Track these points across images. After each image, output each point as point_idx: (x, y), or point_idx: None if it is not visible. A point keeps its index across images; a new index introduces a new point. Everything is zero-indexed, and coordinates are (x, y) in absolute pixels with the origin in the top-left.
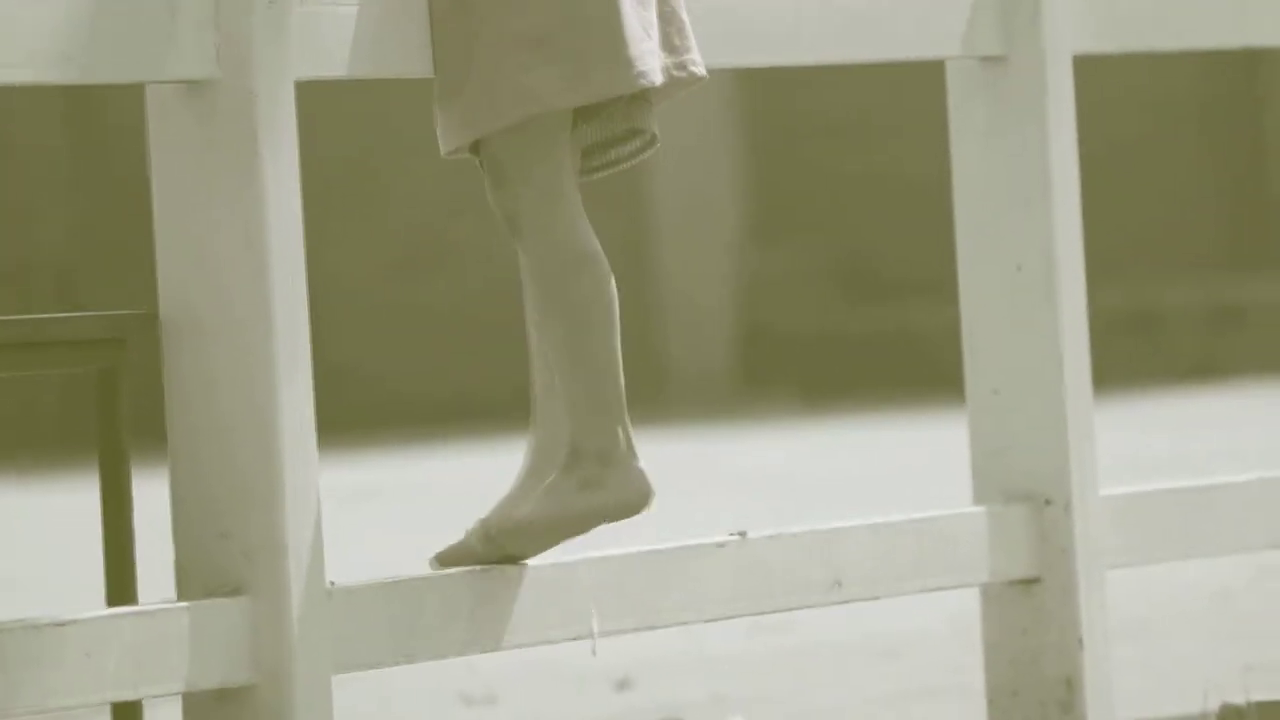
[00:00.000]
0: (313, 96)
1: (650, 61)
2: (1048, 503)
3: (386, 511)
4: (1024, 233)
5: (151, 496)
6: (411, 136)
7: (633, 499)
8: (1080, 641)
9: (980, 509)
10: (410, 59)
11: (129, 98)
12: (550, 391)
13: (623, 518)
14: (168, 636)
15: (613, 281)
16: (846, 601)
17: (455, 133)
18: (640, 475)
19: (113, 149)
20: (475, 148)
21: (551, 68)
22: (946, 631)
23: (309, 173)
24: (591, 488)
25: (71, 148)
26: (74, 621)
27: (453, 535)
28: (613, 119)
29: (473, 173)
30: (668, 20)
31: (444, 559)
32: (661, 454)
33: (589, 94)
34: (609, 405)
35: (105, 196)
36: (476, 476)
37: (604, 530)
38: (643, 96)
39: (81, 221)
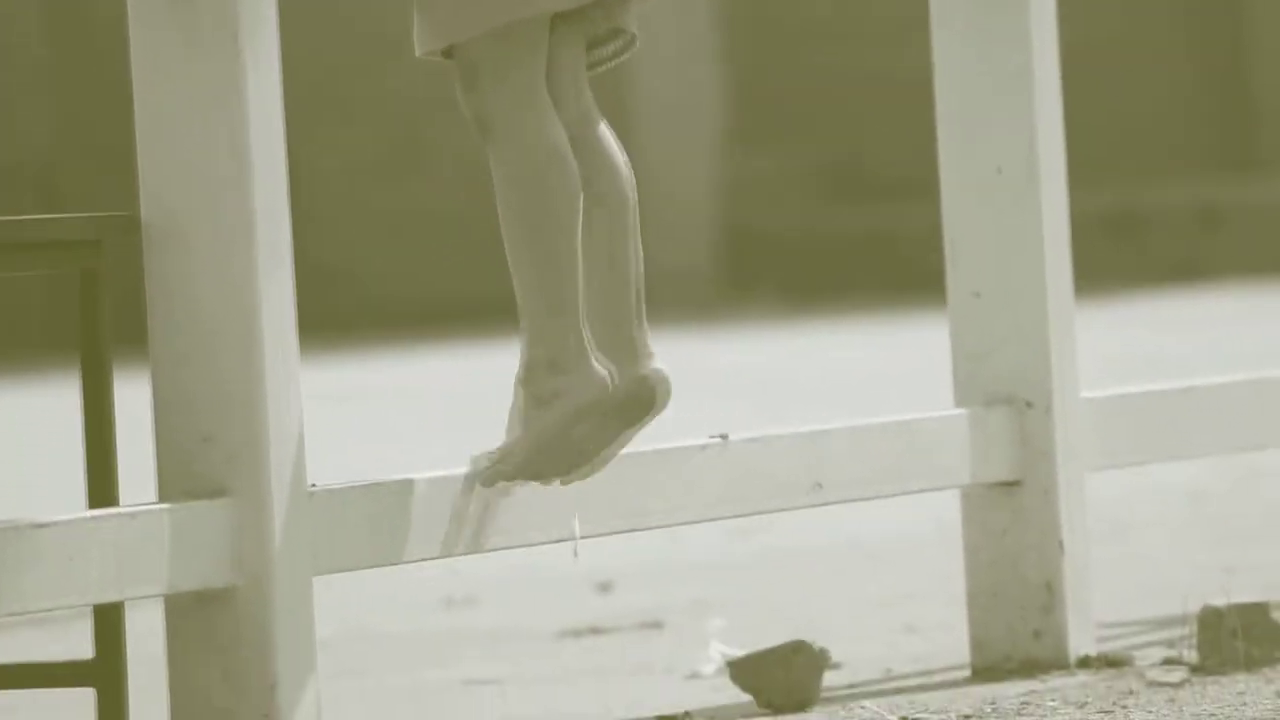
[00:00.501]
0: (293, 1)
1: None
2: (1029, 405)
3: (368, 413)
4: (1005, 135)
5: (134, 399)
6: (391, 39)
7: (590, 398)
8: (1061, 544)
9: (961, 412)
10: None
11: None
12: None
13: (592, 417)
14: (149, 539)
15: (580, 186)
16: (827, 504)
17: (434, 35)
18: (594, 372)
19: (96, 48)
20: (449, 50)
21: None
22: (927, 537)
23: (289, 76)
24: (546, 403)
25: (54, 48)
26: (55, 523)
27: (433, 438)
28: (594, 20)
29: (449, 76)
30: None
31: (486, 481)
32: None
33: None
34: (564, 309)
35: (88, 97)
36: (458, 378)
37: None
38: None
39: (65, 122)
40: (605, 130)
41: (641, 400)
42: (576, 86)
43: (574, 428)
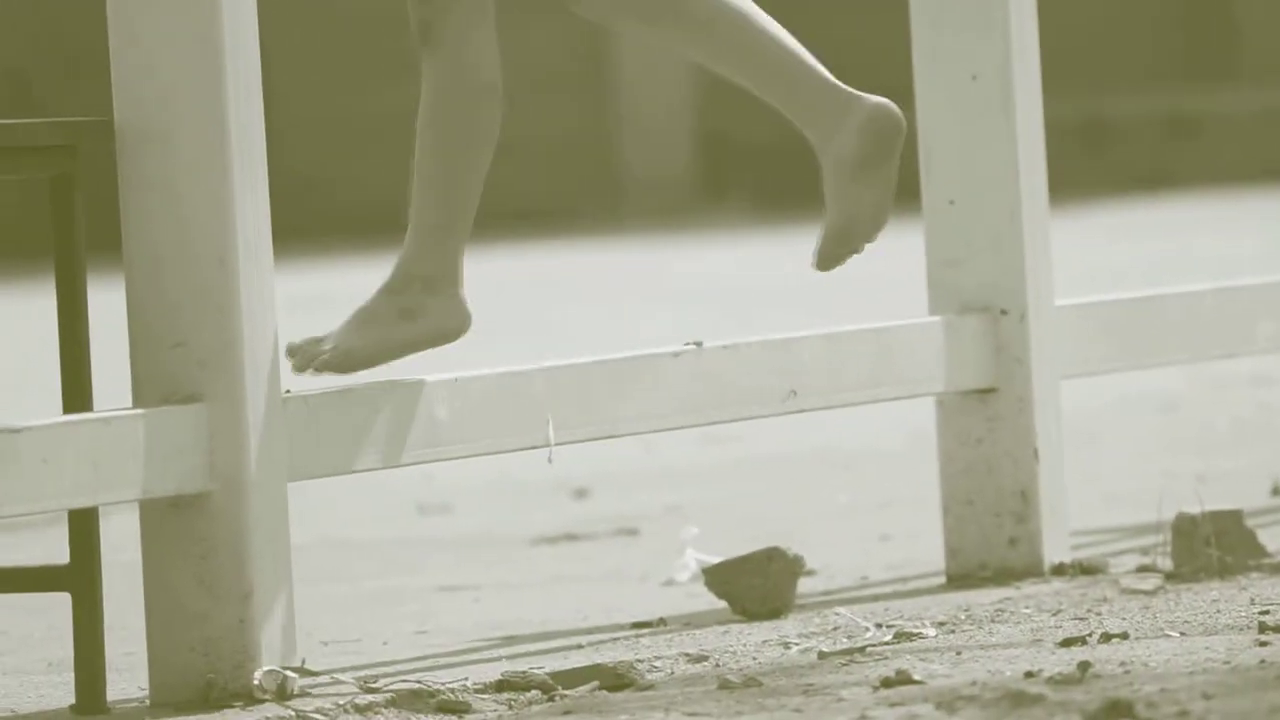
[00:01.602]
0: None
1: None
2: (1003, 313)
3: (341, 319)
4: (979, 42)
5: (106, 305)
6: None
7: (450, 327)
8: (1035, 452)
9: (936, 319)
10: None
11: None
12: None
13: (437, 345)
14: (124, 444)
15: (499, 117)
16: (801, 411)
17: None
18: (461, 304)
19: None
20: None
21: None
22: (901, 445)
23: None
24: (411, 316)
25: None
26: (29, 428)
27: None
28: None
29: None
30: None
31: (292, 351)
32: (617, 263)
33: None
34: (456, 232)
35: (61, 1)
36: None
37: (559, 340)
38: None
39: (41, 24)
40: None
41: (886, 125)
42: None
43: (413, 350)
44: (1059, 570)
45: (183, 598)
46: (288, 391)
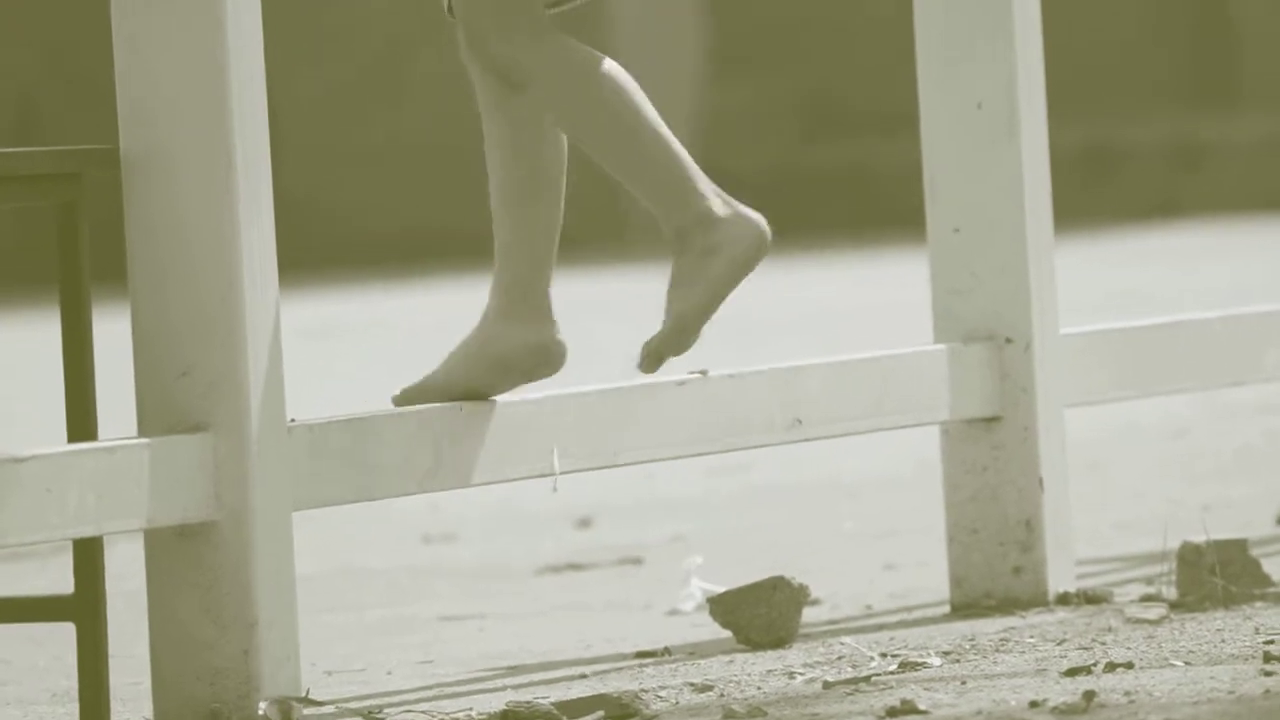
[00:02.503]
0: None
1: None
2: (1008, 341)
3: (346, 347)
4: (985, 69)
5: (111, 333)
6: None
7: (753, 247)
8: (1040, 481)
9: (941, 347)
10: None
11: None
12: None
13: (749, 264)
14: (129, 472)
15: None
16: (807, 440)
17: None
18: (746, 218)
19: None
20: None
21: None
22: (905, 474)
23: (266, 7)
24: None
25: None
26: (34, 457)
27: (412, 371)
28: None
29: (428, 7)
30: None
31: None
32: (621, 293)
33: None
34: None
35: (72, 26)
36: (435, 312)
37: (568, 366)
38: None
39: (48, 52)
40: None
41: (540, 367)
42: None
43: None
44: (1064, 599)
45: (188, 627)
46: (293, 421)
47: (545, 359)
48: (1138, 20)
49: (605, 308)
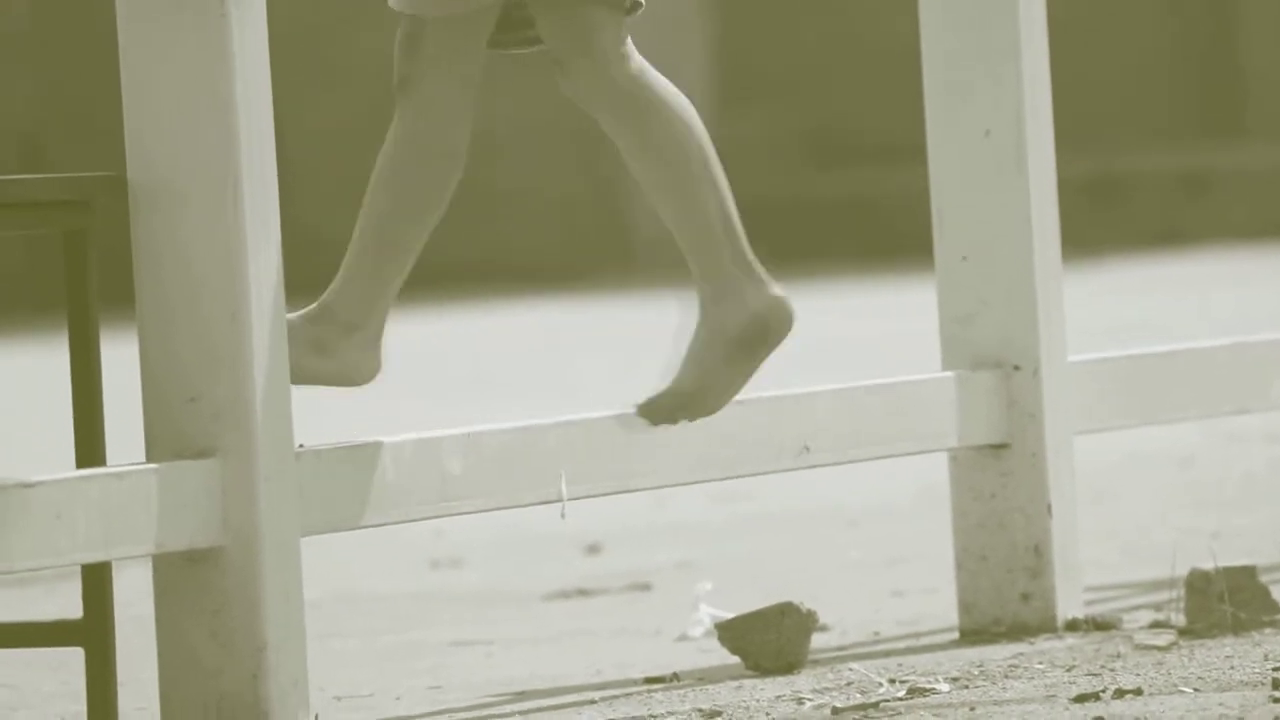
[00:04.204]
0: None
1: None
2: (1016, 368)
3: None
4: (993, 98)
5: (119, 360)
6: (379, 3)
7: (356, 376)
8: (1048, 507)
9: (949, 374)
10: None
11: None
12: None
13: (337, 386)
14: (137, 498)
15: (453, 188)
16: (815, 466)
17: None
18: (375, 356)
19: (79, 9)
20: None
21: None
22: (912, 501)
23: (279, 38)
24: (322, 352)
25: (37, 8)
26: (43, 483)
27: (419, 398)
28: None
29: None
30: None
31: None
32: (629, 319)
33: None
34: (385, 286)
35: (74, 60)
36: (442, 340)
37: (572, 396)
38: None
39: (50, 87)
40: (655, 76)
41: (778, 322)
42: (623, 45)
43: (310, 384)
44: (1073, 625)
45: (196, 652)
46: (301, 446)
47: (778, 317)
48: (1144, 50)
49: (613, 335)
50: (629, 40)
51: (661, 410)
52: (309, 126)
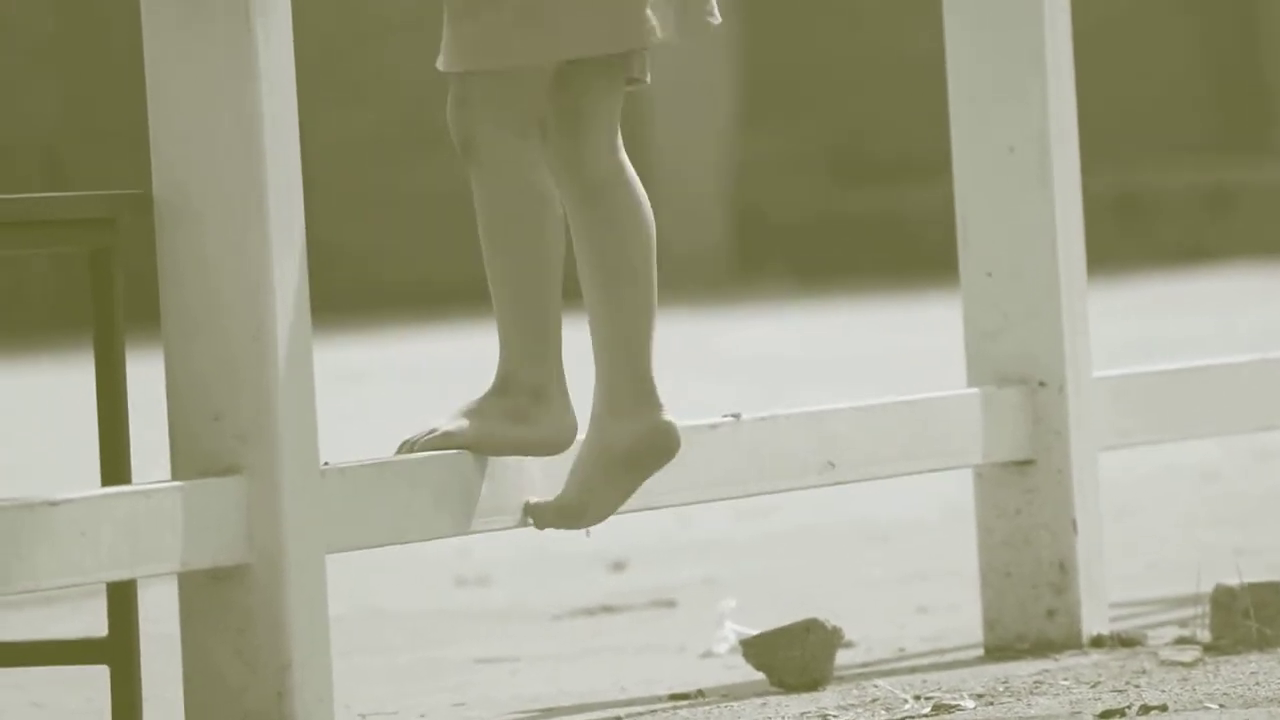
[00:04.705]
0: None
1: (662, 16)
2: (1041, 384)
3: (378, 393)
4: (1017, 114)
5: (144, 377)
6: (395, 19)
7: (558, 439)
8: (1073, 524)
9: (974, 391)
10: None
11: None
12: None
13: (540, 455)
14: (162, 516)
15: (561, 228)
16: (840, 483)
17: (457, 57)
18: (569, 416)
19: (103, 25)
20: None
21: (582, 15)
22: (937, 517)
23: (298, 55)
24: (522, 420)
25: (61, 24)
26: (68, 501)
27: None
28: (612, 69)
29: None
30: None
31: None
32: (655, 337)
33: (617, 44)
34: (544, 341)
35: (95, 75)
36: (465, 357)
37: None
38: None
39: (71, 101)
40: (631, 178)
41: (663, 448)
42: (610, 135)
43: (517, 454)
44: (1097, 642)
45: (221, 670)
46: (326, 464)
47: (664, 443)
48: (1169, 66)
49: None
50: (618, 129)
51: (544, 516)
52: (327, 142)
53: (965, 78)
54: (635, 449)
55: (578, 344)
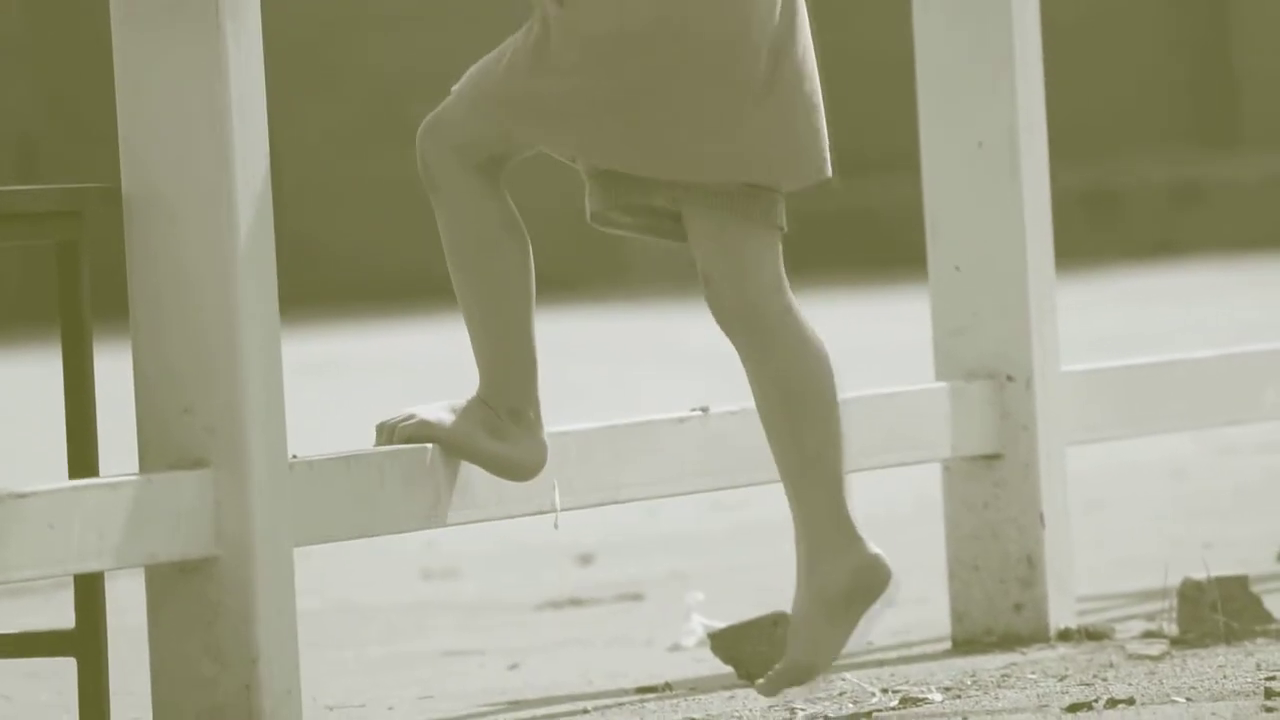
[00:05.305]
0: None
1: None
2: (1009, 379)
3: (347, 385)
4: (986, 109)
5: (112, 371)
6: (371, 12)
7: (525, 464)
8: (1041, 517)
9: (942, 385)
10: None
11: None
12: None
13: (507, 477)
14: (130, 509)
15: (528, 252)
16: None
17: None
18: (540, 445)
19: (75, 19)
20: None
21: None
22: (904, 511)
23: (268, 48)
24: (499, 436)
25: (33, 18)
26: (36, 493)
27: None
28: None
29: (432, 50)
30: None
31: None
32: (623, 329)
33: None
34: (517, 365)
35: (67, 69)
36: (437, 350)
37: (565, 406)
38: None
39: (44, 93)
40: (800, 315)
41: (877, 583)
42: (775, 277)
43: (487, 467)
44: (1065, 635)
45: (189, 662)
46: (294, 457)
47: (877, 576)
48: (1138, 61)
49: (607, 347)
50: (781, 269)
51: (782, 682)
52: (301, 136)
53: (934, 73)
54: (850, 588)
55: (553, 349)
